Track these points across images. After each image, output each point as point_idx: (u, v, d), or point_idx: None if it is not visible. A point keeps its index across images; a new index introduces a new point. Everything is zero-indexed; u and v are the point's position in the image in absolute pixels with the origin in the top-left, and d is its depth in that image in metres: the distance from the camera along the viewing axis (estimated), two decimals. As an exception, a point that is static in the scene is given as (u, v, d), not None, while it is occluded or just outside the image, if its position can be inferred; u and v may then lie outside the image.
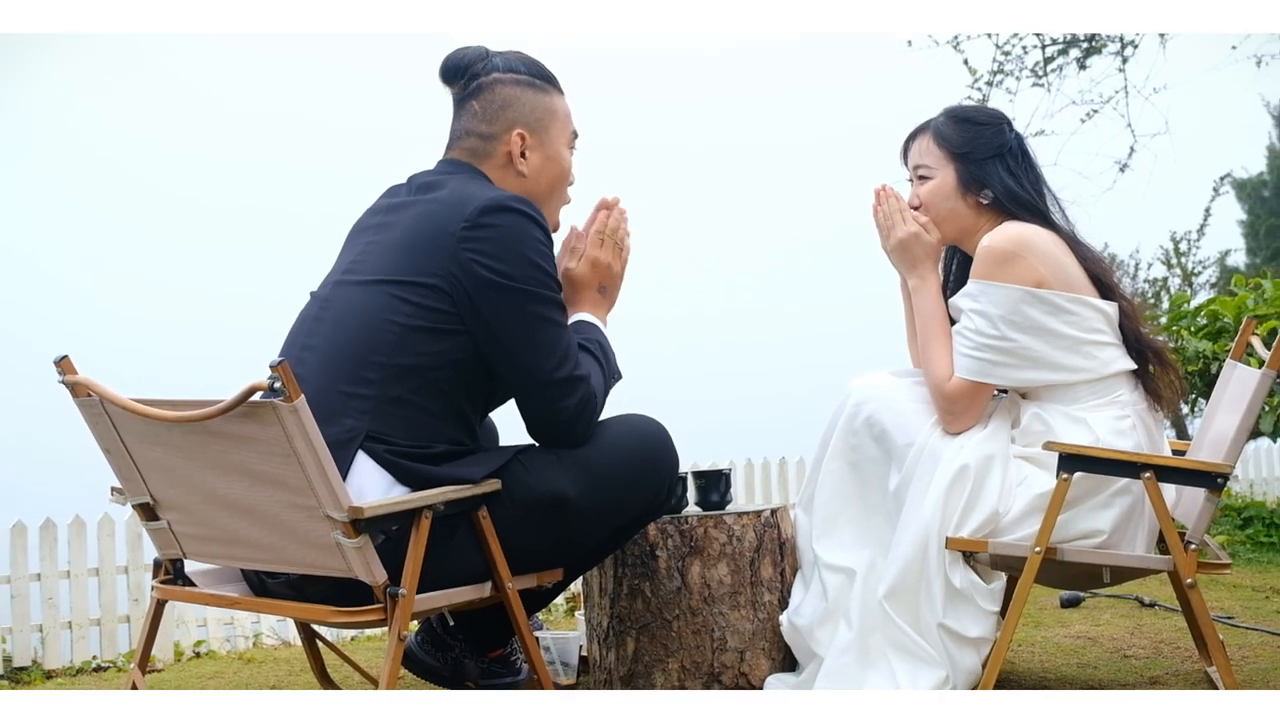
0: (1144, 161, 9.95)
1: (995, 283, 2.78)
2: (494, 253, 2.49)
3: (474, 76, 2.73)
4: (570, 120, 2.80)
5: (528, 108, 2.71)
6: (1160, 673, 3.12)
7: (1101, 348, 2.82)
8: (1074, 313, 2.80)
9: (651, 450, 2.69)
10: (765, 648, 2.94)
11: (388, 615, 2.36)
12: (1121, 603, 4.10)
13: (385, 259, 2.56)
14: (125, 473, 2.59)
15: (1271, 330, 5.14)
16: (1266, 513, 6.08)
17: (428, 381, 2.48)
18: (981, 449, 2.77)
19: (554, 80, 2.79)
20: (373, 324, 2.49)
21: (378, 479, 2.42)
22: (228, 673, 3.83)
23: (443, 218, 2.53)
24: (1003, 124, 2.98)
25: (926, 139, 2.97)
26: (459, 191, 2.58)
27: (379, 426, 2.44)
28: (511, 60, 2.75)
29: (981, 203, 2.92)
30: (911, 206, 2.99)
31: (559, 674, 3.16)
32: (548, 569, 2.66)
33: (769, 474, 6.68)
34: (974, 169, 2.92)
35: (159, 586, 2.65)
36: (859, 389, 2.92)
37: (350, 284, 2.58)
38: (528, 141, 2.70)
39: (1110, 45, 9.80)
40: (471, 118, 2.72)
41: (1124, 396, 2.83)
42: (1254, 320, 3.20)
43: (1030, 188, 2.93)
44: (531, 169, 2.71)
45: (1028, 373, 2.81)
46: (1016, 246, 2.79)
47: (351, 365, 2.47)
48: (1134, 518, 2.78)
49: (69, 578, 4.93)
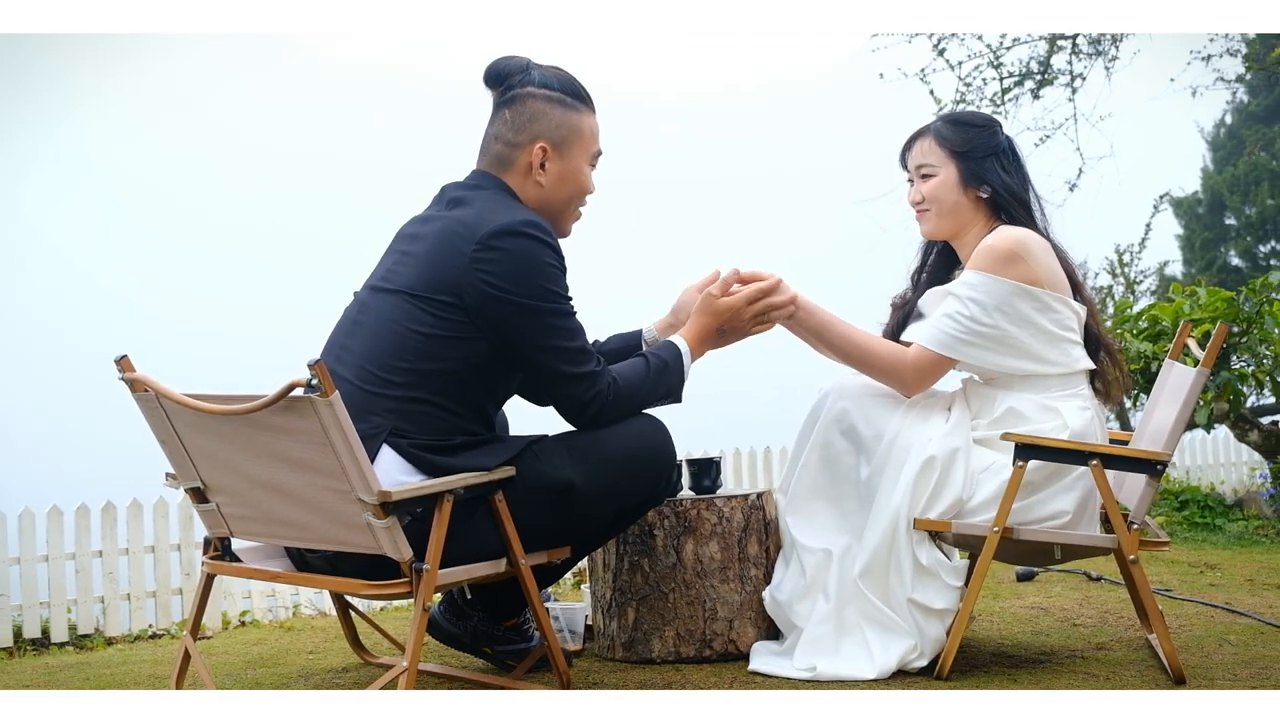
0: (1091, 182, 9.96)
1: (994, 275, 2.77)
2: (502, 274, 2.47)
3: (510, 86, 2.69)
4: (595, 139, 2.73)
5: (553, 123, 2.67)
6: (1106, 640, 3.12)
7: (1074, 345, 2.84)
8: (1058, 311, 2.80)
9: (652, 446, 2.69)
10: (752, 617, 2.94)
11: (413, 588, 2.36)
12: (1071, 577, 4.10)
13: (411, 273, 2.55)
14: (178, 460, 2.59)
15: (1205, 333, 5.14)
16: (1201, 496, 6.09)
17: (449, 383, 2.49)
18: (947, 442, 2.77)
19: (586, 98, 2.73)
20: (399, 333, 2.49)
21: (398, 470, 2.42)
22: (269, 640, 3.82)
23: (458, 238, 2.51)
24: (996, 126, 2.97)
25: (928, 140, 2.95)
26: (478, 212, 2.56)
27: (402, 424, 2.45)
28: (549, 76, 2.70)
29: (981, 197, 2.90)
30: (913, 203, 2.98)
31: (567, 641, 3.16)
32: (557, 547, 2.66)
33: (755, 461, 6.68)
34: (974, 166, 2.90)
35: (209, 562, 2.65)
36: (830, 390, 2.91)
37: (384, 292, 2.58)
38: (548, 155, 2.66)
39: (1061, 78, 9.82)
40: (502, 125, 2.69)
41: (1084, 390, 2.85)
42: (1190, 324, 3.20)
43: (1021, 185, 2.92)
44: (549, 181, 2.67)
45: (1006, 359, 2.80)
46: (1018, 248, 2.78)
47: (379, 369, 2.48)
48: (1093, 499, 2.78)
49: (127, 554, 4.93)
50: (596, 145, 2.75)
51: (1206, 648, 2.99)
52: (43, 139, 27.79)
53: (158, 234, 30.30)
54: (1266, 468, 6.21)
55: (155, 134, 32.93)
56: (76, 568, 4.78)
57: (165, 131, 33.13)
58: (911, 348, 2.85)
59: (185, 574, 4.99)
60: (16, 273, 26.67)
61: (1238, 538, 5.32)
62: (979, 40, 9.65)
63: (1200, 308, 5.44)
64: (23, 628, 4.66)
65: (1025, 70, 9.80)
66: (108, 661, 3.67)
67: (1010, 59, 9.80)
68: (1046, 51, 9.78)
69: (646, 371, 2.66)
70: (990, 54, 9.69)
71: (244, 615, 4.83)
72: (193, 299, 27.96)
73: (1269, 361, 5.64)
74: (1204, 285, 5.67)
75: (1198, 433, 7.34)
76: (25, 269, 27.16)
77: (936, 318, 2.84)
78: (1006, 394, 2.85)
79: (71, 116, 27.82)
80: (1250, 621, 3.31)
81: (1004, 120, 9.74)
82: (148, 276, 28.93)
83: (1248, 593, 3.82)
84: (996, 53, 9.70)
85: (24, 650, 4.50)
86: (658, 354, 2.71)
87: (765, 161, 32.16)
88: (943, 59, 9.60)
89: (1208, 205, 21.77)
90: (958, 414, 2.85)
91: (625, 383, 2.61)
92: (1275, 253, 21.13)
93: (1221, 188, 21.33)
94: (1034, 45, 9.78)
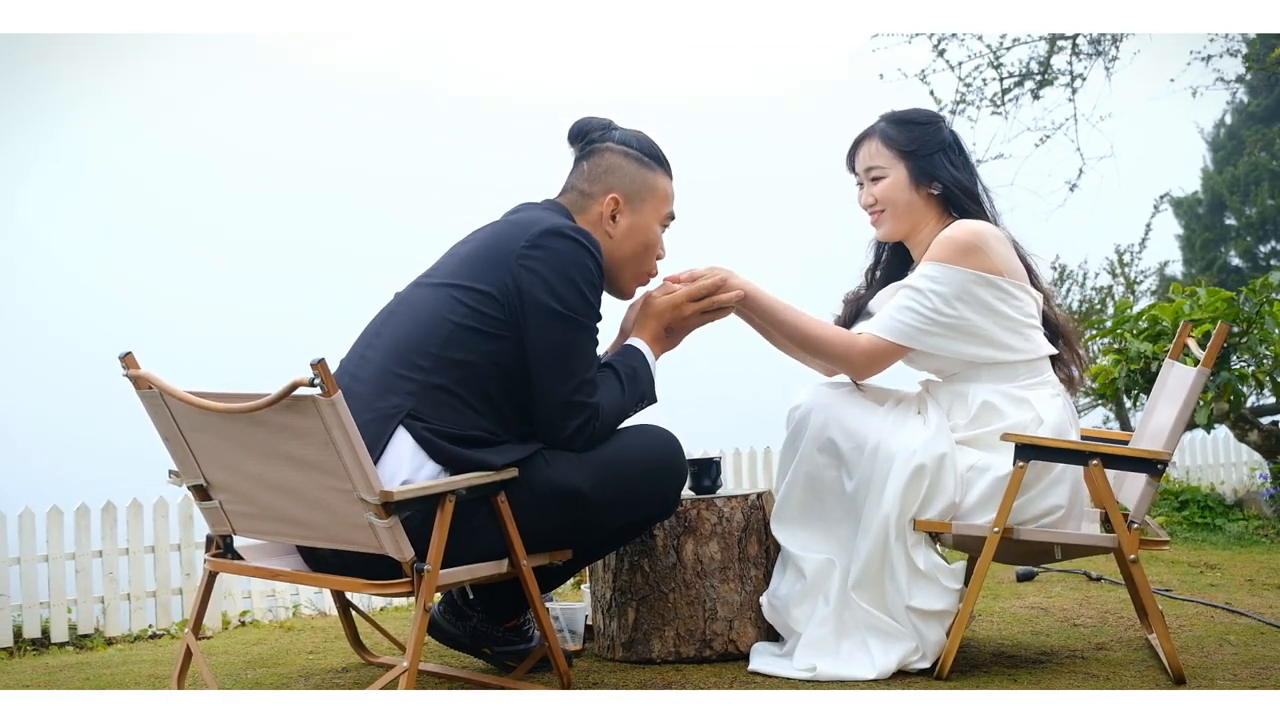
0: (1091, 182, 9.97)
1: (954, 266, 2.77)
2: (546, 272, 2.52)
3: (590, 141, 2.78)
4: (669, 201, 2.79)
5: (629, 178, 2.73)
6: (1106, 640, 3.13)
7: (1035, 330, 2.85)
8: (1018, 298, 2.81)
9: (662, 460, 2.70)
10: (752, 617, 2.94)
11: (414, 588, 2.36)
12: (1071, 577, 4.10)
13: (456, 266, 2.61)
14: (181, 457, 2.60)
15: (1205, 333, 5.14)
16: (1201, 496, 6.09)
17: (470, 376, 2.50)
18: (933, 448, 2.75)
19: (663, 161, 2.80)
20: (432, 319, 2.54)
21: (412, 454, 2.43)
22: (270, 640, 3.83)
23: (510, 235, 2.58)
24: (939, 122, 2.97)
25: (874, 143, 2.94)
26: (533, 216, 2.62)
27: (420, 407, 2.47)
28: (629, 136, 2.79)
29: (932, 193, 2.90)
30: (865, 206, 2.98)
31: (567, 641, 3.17)
32: (559, 550, 2.67)
33: (755, 462, 6.68)
34: (923, 164, 2.90)
35: (211, 560, 2.66)
36: (805, 406, 2.86)
37: (424, 285, 2.65)
38: (620, 207, 2.72)
39: (1061, 78, 9.83)
40: (579, 176, 2.76)
41: (1050, 377, 2.86)
42: (1190, 324, 3.21)
43: (969, 178, 2.93)
44: (619, 233, 2.73)
45: (970, 347, 2.80)
46: (977, 239, 2.78)
47: (407, 352, 2.51)
48: (1083, 490, 2.79)
49: (127, 554, 4.94)
50: (669, 207, 2.80)
51: (1207, 648, 2.99)
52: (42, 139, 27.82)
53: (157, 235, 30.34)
54: (1266, 468, 6.21)
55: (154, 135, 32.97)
56: (76, 568, 4.79)
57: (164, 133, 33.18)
58: (863, 336, 2.84)
59: (185, 574, 4.99)
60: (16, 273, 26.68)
61: (1238, 538, 5.33)
62: (979, 40, 9.67)
63: (1200, 308, 5.45)
64: (23, 628, 4.66)
65: (1025, 70, 9.81)
66: (108, 661, 3.67)
67: (1010, 59, 9.82)
68: (1047, 52, 9.79)
69: (621, 386, 2.67)
70: (990, 54, 9.70)
71: (244, 615, 4.83)
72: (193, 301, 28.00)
73: (1269, 361, 5.65)
74: (1204, 285, 5.68)
75: (1198, 433, 7.35)
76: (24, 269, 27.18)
77: (893, 308, 2.82)
78: (976, 387, 2.83)
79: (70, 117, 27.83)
80: (1250, 621, 3.32)
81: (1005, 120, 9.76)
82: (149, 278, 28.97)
83: (1248, 593, 3.83)
84: (997, 53, 9.71)
85: (24, 650, 4.50)
86: (624, 361, 2.71)
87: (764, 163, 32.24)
88: (943, 59, 9.61)
89: (1208, 205, 21.78)
90: (935, 417, 2.83)
91: (608, 406, 2.61)
92: (1275, 253, 21.13)
93: (1221, 188, 21.33)
94: (1034, 45, 9.79)
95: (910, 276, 2.86)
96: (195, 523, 5.01)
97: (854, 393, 2.90)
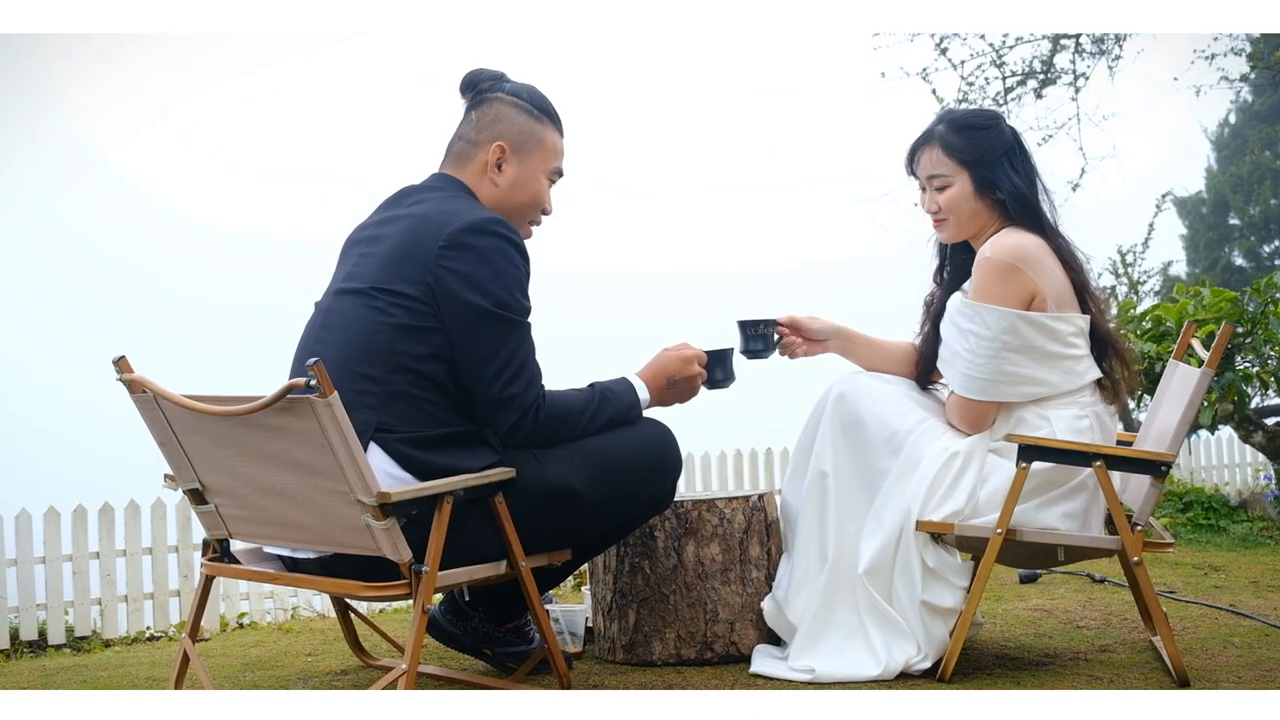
0: (1094, 182, 9.98)
1: (989, 305, 2.74)
2: (467, 272, 2.47)
3: (481, 92, 2.73)
4: (557, 156, 2.75)
5: (516, 127, 2.69)
6: (1109, 642, 3.12)
7: (1077, 361, 2.80)
8: (1058, 330, 2.76)
9: (657, 452, 2.69)
10: (753, 619, 2.94)
11: (412, 590, 2.36)
12: (1074, 579, 4.09)
13: (376, 270, 2.54)
14: (176, 461, 2.59)
15: (1210, 333, 5.14)
16: (1205, 497, 6.08)
17: (421, 375, 2.47)
18: (967, 442, 2.77)
19: (554, 116, 2.76)
20: (369, 328, 2.49)
21: (387, 469, 2.41)
22: (268, 642, 3.82)
23: (424, 235, 2.51)
24: (1000, 123, 2.92)
25: (935, 150, 2.90)
26: (440, 209, 2.56)
27: (385, 418, 2.44)
28: (520, 88, 2.74)
29: (998, 198, 2.86)
30: (931, 212, 2.95)
31: (567, 643, 3.16)
32: (558, 550, 2.66)
33: (756, 462, 6.68)
34: (986, 172, 2.86)
35: (207, 564, 2.65)
36: (838, 383, 2.89)
37: (348, 292, 2.57)
38: (505, 155, 2.68)
39: (1064, 78, 9.83)
40: (468, 125, 2.72)
41: (1085, 399, 2.82)
42: (1194, 324, 3.20)
43: (1029, 181, 2.88)
44: (504, 182, 2.68)
45: (1019, 387, 2.78)
46: (1015, 259, 2.75)
47: (357, 366, 2.47)
48: (1092, 508, 2.78)
49: (125, 556, 4.93)
50: (557, 162, 2.76)
51: (1211, 650, 2.98)
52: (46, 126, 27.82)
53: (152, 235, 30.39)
54: (1271, 469, 6.20)
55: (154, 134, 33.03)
56: (73, 569, 4.78)
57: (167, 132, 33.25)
58: (950, 398, 2.85)
59: (183, 576, 4.98)
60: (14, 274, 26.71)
61: (1242, 539, 5.32)
62: (981, 39, 9.66)
63: (1204, 308, 5.44)
64: (19, 630, 4.65)
65: (1028, 69, 9.80)
66: (105, 664, 3.66)
67: (1013, 58, 9.81)
68: (1049, 50, 9.79)
69: (588, 398, 2.62)
70: (993, 53, 9.69)
71: (242, 617, 4.82)
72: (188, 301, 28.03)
73: (1274, 362, 5.64)
74: (1208, 285, 5.67)
75: (1202, 434, 7.33)
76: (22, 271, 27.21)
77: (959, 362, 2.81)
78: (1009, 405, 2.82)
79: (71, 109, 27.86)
80: (1255, 623, 3.31)
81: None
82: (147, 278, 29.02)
83: (1252, 594, 3.82)
84: (999, 51, 9.71)
85: (21, 652, 4.50)
86: (606, 384, 2.69)
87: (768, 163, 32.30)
88: (945, 58, 9.60)
89: (1211, 205, 21.78)
90: None
91: (558, 409, 2.55)
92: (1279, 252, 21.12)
93: (1225, 187, 21.33)
94: (1037, 44, 9.79)
95: (954, 312, 2.84)
96: (193, 524, 5.00)
97: (894, 384, 2.92)
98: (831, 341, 3.08)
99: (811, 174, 27.92)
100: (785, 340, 3.06)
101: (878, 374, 2.99)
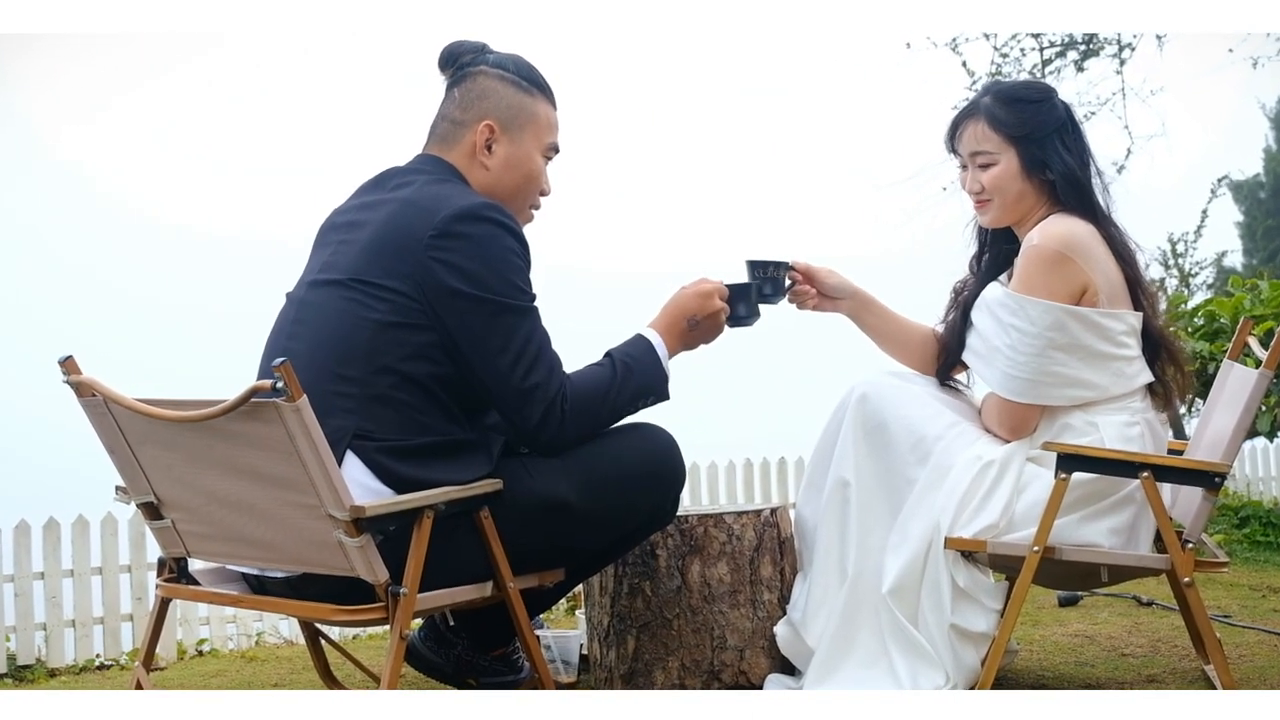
0: (1141, 163, 9.97)
1: (1034, 299, 2.74)
2: (461, 263, 2.46)
3: (462, 66, 2.71)
4: (551, 130, 2.74)
5: (504, 102, 2.67)
6: (1157, 671, 3.12)
7: (1128, 362, 2.80)
8: (1108, 328, 2.77)
9: (657, 460, 2.68)
10: (765, 646, 2.94)
11: (389, 614, 2.36)
12: (1119, 601, 4.10)
13: (356, 259, 2.52)
14: (128, 472, 2.59)
15: (1268, 331, 5.14)
16: (1263, 512, 6.08)
17: (406, 377, 2.46)
18: (1001, 446, 2.77)
19: (544, 87, 2.74)
20: (348, 324, 2.47)
21: (365, 480, 2.40)
22: (230, 671, 3.83)
23: (411, 222, 2.49)
24: (1053, 97, 2.91)
25: (980, 124, 2.88)
26: (428, 194, 2.54)
27: (365, 423, 2.42)
28: (504, 59, 2.72)
29: (1047, 179, 2.86)
30: (972, 192, 2.94)
31: (560, 672, 3.16)
32: (549, 570, 2.65)
33: (768, 474, 6.68)
34: (1035, 150, 2.85)
35: (163, 585, 2.65)
36: (861, 384, 2.88)
37: (324, 284, 2.55)
38: (495, 134, 2.66)
39: (1108, 48, 9.82)
40: (450, 104, 2.70)
41: (1136, 404, 2.82)
42: (1251, 321, 3.20)
43: (1081, 162, 2.87)
44: (495, 163, 2.67)
45: (1065, 390, 2.78)
46: (1065, 248, 2.75)
47: (334, 365, 2.45)
48: (1139, 524, 2.77)
49: (73, 576, 4.92)
50: (552, 137, 2.74)
51: (1270, 680, 2.99)
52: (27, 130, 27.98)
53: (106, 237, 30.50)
54: (1336, 480, 6.20)
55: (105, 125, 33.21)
56: (16, 591, 4.78)
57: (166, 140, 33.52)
58: (989, 399, 2.86)
59: (136, 599, 4.98)
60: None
61: (1304, 558, 5.32)
62: (1017, 6, 9.66)
63: (1262, 303, 5.45)
64: (-44, 658, 4.66)
65: (1068, 39, 9.79)
66: (50, 695, 3.66)
67: (1051, 26, 9.80)
68: (1092, 18, 9.78)
69: (611, 374, 2.61)
70: (1029, 21, 9.69)
71: (201, 644, 4.83)
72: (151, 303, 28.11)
73: (1338, 362, 5.63)
74: (1266, 278, 5.68)
75: (1259, 441, 7.34)
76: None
77: (999, 359, 2.81)
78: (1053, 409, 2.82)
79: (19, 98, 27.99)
80: (1318, 651, 3.32)
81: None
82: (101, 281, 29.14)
83: (1315, 619, 3.82)
84: (1036, 20, 9.71)
85: (-42, 683, 4.50)
86: (622, 350, 2.66)
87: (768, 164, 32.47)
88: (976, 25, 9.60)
89: (1270, 189, 21.78)
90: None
91: (584, 392, 2.55)
92: (1345, 242, 21.14)
93: (1286, 170, 21.32)
94: (1079, 11, 9.78)
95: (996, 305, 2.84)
96: (147, 542, 5.00)
97: (921, 384, 2.93)
98: (845, 302, 3.08)
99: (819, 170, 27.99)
100: (797, 288, 3.03)
101: (904, 374, 2.99)
